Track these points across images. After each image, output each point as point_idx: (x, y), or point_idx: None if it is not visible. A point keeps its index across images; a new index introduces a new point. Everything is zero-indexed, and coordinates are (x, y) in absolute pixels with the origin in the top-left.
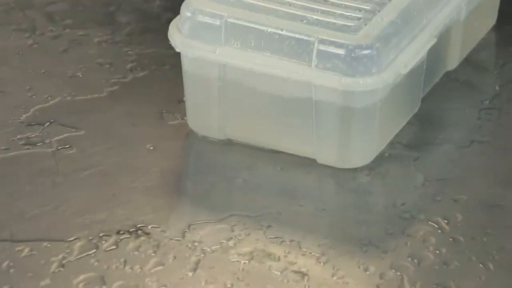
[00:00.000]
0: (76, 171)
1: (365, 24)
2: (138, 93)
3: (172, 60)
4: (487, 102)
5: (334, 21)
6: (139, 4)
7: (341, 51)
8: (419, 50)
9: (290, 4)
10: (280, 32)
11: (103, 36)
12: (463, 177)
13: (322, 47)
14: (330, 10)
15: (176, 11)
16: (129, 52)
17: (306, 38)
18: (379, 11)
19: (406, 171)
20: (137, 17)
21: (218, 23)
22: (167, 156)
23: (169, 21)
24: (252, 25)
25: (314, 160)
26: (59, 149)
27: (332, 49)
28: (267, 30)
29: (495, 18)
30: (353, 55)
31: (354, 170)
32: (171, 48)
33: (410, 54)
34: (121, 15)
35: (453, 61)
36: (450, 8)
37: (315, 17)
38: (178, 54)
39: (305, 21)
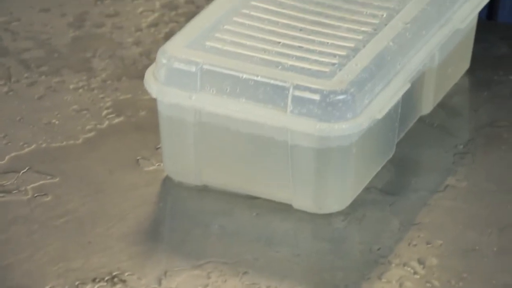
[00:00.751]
0: (52, 219)
1: (340, 70)
2: (114, 139)
3: (148, 106)
4: (462, 146)
5: (309, 66)
6: (115, 50)
7: (316, 97)
8: (394, 95)
9: (265, 51)
10: (255, 78)
11: (79, 83)
12: (438, 221)
13: (297, 93)
14: (305, 56)
15: (151, 58)
16: (105, 98)
17: (281, 84)
18: (353, 57)
19: (381, 215)
20: (113, 63)
21: (193, 69)
22: (143, 202)
23: (145, 67)
24: (227, 71)
25: (290, 206)
26: (34, 197)
27: (307, 95)
28: (242, 76)
29: (468, 63)
30: (328, 100)
31: (330, 215)
32: (147, 94)
33: (385, 99)
34: (97, 62)
35: (427, 105)
36: (424, 54)
37: (290, 63)
38: (154, 100)
39: (280, 67)
